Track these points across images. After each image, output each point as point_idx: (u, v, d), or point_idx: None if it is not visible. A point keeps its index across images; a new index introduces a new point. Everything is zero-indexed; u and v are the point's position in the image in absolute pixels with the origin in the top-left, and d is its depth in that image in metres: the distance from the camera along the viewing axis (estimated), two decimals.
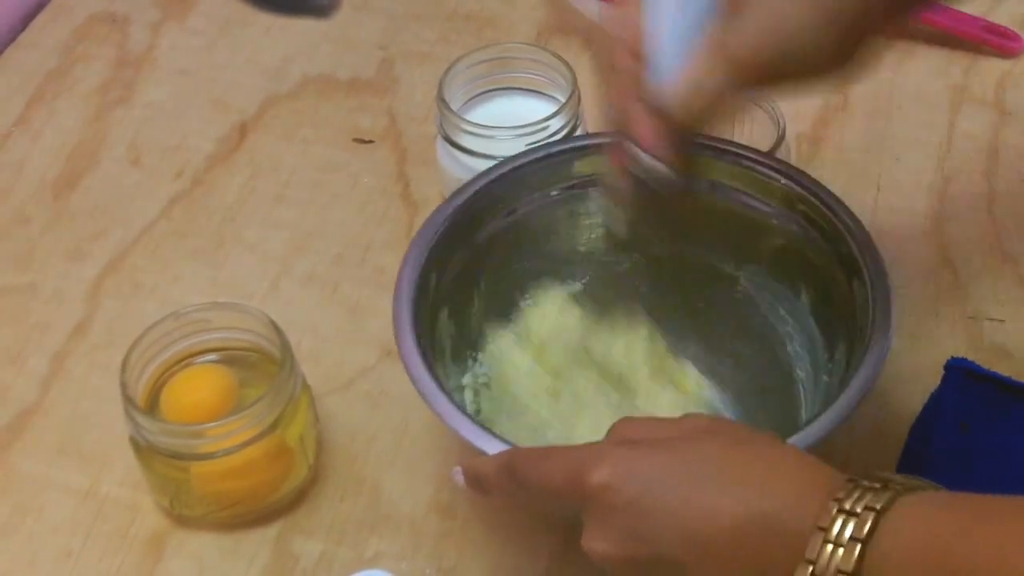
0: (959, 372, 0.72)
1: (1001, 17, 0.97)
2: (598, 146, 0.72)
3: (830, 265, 0.69)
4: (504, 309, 0.75)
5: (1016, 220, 0.84)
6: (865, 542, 0.47)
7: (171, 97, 0.96)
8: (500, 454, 0.59)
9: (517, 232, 0.75)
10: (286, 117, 0.94)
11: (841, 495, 0.49)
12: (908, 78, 0.94)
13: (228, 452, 0.67)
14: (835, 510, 0.48)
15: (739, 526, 0.50)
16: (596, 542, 0.53)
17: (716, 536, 0.50)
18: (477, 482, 0.59)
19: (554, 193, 0.75)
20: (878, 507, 0.48)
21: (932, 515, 0.48)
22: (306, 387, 0.71)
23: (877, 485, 0.49)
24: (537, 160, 0.74)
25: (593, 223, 0.75)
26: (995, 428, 0.70)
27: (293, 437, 0.69)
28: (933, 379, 0.73)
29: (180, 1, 1.04)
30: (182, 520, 0.71)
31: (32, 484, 0.73)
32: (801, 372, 0.72)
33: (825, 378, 0.69)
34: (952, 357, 0.73)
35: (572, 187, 0.75)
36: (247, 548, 0.70)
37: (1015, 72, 0.95)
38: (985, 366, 0.73)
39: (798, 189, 0.70)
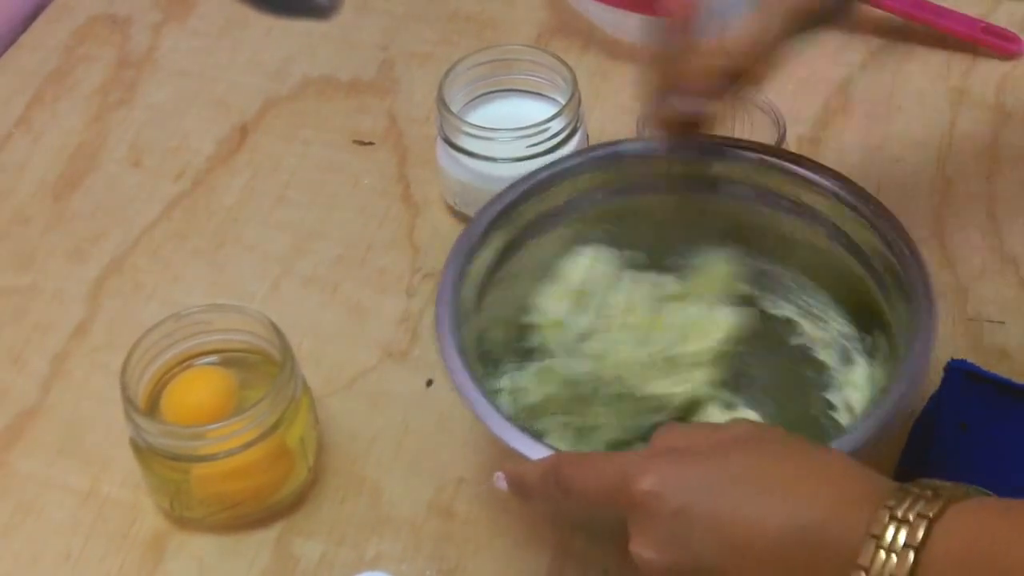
0: (959, 373, 0.72)
1: (1001, 19, 0.97)
2: (630, 152, 0.73)
3: (870, 269, 0.69)
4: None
5: (1016, 222, 0.84)
6: (919, 549, 0.48)
7: (172, 98, 0.96)
8: (544, 460, 0.58)
9: (560, 238, 0.74)
10: (287, 118, 0.94)
11: (892, 503, 0.49)
12: (908, 80, 0.94)
13: (229, 454, 0.67)
14: (887, 517, 0.48)
15: (785, 536, 0.50)
16: (642, 549, 0.53)
17: (762, 546, 0.50)
18: (520, 488, 0.59)
19: (599, 196, 0.74)
20: (931, 514, 0.48)
21: (985, 521, 0.48)
22: (306, 388, 0.71)
23: (928, 492, 0.49)
24: (580, 164, 0.73)
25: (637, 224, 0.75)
26: (995, 429, 0.70)
27: (294, 438, 0.69)
28: (933, 380, 0.73)
29: (181, 2, 1.04)
30: (182, 522, 0.71)
31: (32, 485, 0.73)
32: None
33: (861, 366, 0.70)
34: (952, 358, 0.73)
35: (616, 192, 0.74)
36: (247, 549, 0.70)
37: (1015, 74, 0.95)
38: (985, 367, 0.73)
39: (843, 193, 0.70)
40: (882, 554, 0.48)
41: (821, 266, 0.72)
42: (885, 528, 0.48)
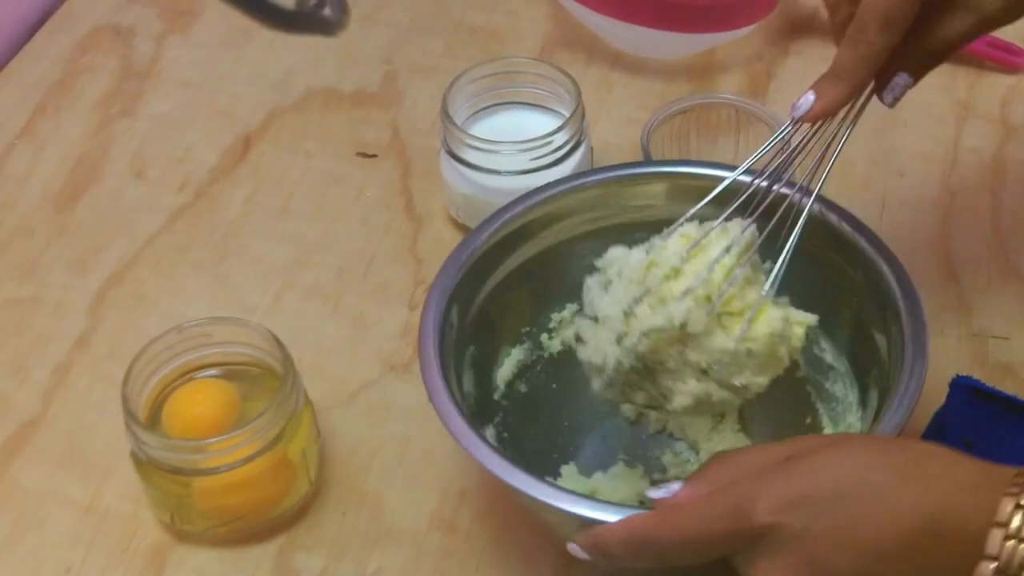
0: (964, 390, 0.72)
1: (1006, 33, 0.96)
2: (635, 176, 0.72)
3: (866, 304, 0.68)
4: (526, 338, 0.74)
5: (1021, 236, 0.84)
6: None
7: (175, 109, 0.97)
8: (621, 527, 0.56)
9: (546, 263, 0.73)
10: (290, 130, 0.94)
11: (1015, 490, 0.49)
12: (913, 93, 0.93)
13: (230, 467, 0.67)
14: (1012, 505, 0.49)
15: (909, 534, 0.50)
16: None
17: (890, 545, 0.50)
18: (604, 556, 0.57)
19: (583, 224, 0.73)
20: None
21: None
22: (308, 401, 0.71)
23: None
24: (569, 190, 0.72)
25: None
26: (999, 445, 0.70)
27: (295, 452, 0.69)
28: (938, 396, 0.72)
29: (184, 13, 1.04)
30: (183, 535, 0.71)
31: (33, 498, 0.73)
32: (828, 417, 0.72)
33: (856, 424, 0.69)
34: (957, 375, 0.73)
35: (603, 217, 0.73)
36: (248, 563, 0.70)
37: (1020, 87, 0.95)
38: (990, 383, 0.72)
39: (839, 226, 0.69)
40: (1011, 543, 0.48)
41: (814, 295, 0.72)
42: (1011, 516, 0.49)
